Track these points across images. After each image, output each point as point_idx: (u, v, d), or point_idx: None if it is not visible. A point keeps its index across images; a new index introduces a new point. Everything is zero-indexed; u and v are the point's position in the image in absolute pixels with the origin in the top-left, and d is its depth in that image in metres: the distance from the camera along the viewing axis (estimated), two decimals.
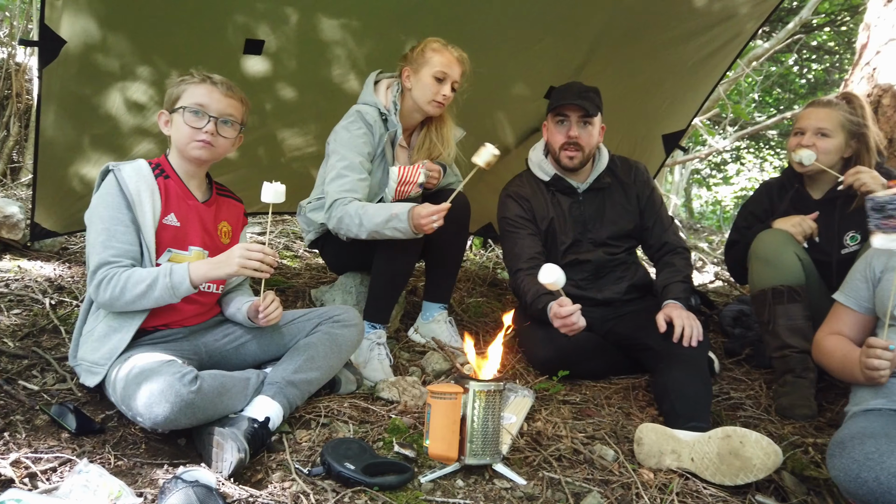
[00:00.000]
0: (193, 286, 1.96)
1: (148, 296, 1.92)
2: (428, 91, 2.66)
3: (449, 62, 2.66)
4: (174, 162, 2.15)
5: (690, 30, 3.42)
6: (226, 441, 1.70)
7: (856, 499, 1.61)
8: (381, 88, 2.77)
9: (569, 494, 1.78)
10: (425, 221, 2.37)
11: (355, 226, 2.48)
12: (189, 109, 2.04)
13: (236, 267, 1.94)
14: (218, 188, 2.29)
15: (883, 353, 1.79)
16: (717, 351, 3.06)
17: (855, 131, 2.62)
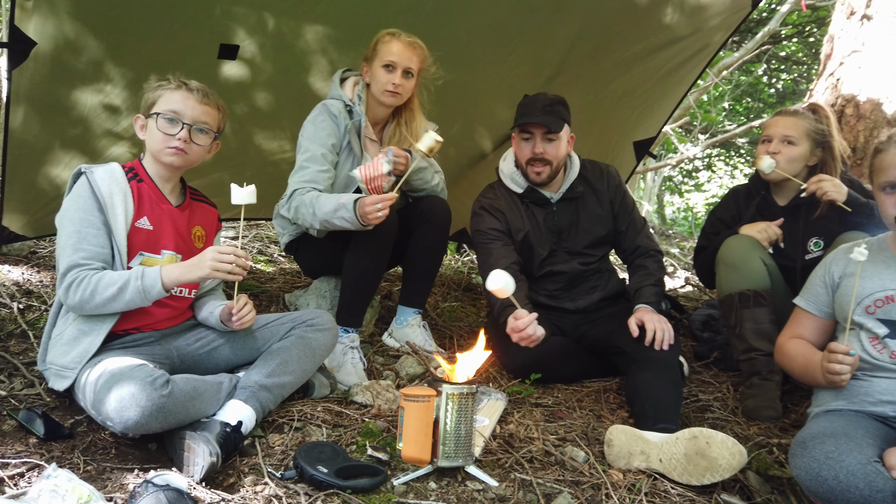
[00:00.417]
0: (165, 290, 1.95)
1: (119, 299, 1.91)
2: (380, 82, 2.68)
3: (397, 50, 2.67)
4: (148, 166, 2.14)
5: (661, 40, 3.49)
6: (197, 445, 1.70)
7: (816, 497, 1.65)
8: (347, 84, 2.80)
9: (540, 495, 1.80)
10: (370, 210, 2.38)
11: (310, 215, 2.50)
12: (163, 116, 2.04)
13: (208, 270, 1.93)
14: (192, 193, 2.28)
15: (844, 358, 1.84)
16: (687, 354, 3.12)
17: (820, 140, 2.69)
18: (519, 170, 2.85)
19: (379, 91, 2.71)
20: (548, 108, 2.69)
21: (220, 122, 2.17)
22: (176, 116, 2.05)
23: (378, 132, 2.88)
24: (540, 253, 2.85)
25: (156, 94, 2.08)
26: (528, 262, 2.88)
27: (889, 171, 1.90)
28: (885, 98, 3.39)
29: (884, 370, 1.88)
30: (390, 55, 2.67)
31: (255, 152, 3.49)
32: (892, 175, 1.89)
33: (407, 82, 2.72)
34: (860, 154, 3.41)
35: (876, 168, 1.96)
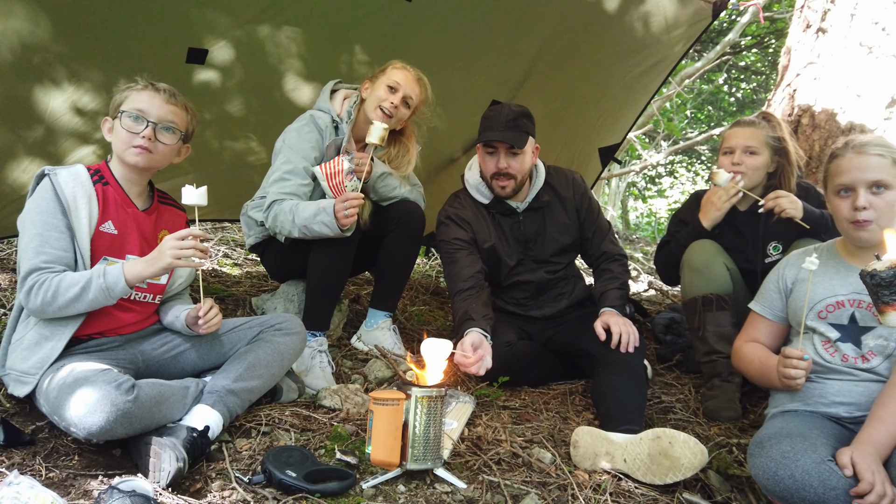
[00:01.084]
0: (129, 286, 1.92)
1: (82, 299, 1.87)
2: (377, 98, 2.70)
3: (405, 78, 2.74)
4: (115, 168, 2.11)
5: (624, 49, 3.57)
6: (163, 450, 1.68)
7: (773, 495, 1.71)
8: (337, 97, 2.80)
9: (507, 496, 1.83)
10: (339, 208, 2.40)
11: (289, 222, 2.51)
12: (128, 114, 2.02)
13: (170, 259, 1.90)
14: (160, 196, 2.25)
15: (798, 363, 1.91)
16: (650, 357, 3.18)
17: (777, 147, 2.78)
18: (484, 181, 2.86)
19: (372, 106, 2.72)
20: (511, 122, 2.69)
21: (189, 124, 2.15)
22: (141, 115, 2.02)
23: (360, 149, 2.87)
24: (507, 263, 2.88)
25: (123, 95, 2.05)
26: (495, 271, 2.90)
27: (844, 175, 1.97)
28: (839, 108, 3.52)
29: (836, 372, 1.96)
30: (397, 78, 2.73)
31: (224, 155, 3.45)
32: (846, 179, 1.97)
33: (403, 109, 2.75)
34: (816, 162, 3.52)
35: (831, 172, 2.04)
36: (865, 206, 1.93)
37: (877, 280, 1.65)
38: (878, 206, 1.93)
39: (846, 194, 1.98)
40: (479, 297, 2.70)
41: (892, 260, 1.64)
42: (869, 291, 1.70)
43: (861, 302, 1.97)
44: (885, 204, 1.94)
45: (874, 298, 1.69)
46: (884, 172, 1.94)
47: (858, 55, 3.54)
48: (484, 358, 2.42)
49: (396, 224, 2.81)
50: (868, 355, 1.93)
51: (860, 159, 1.96)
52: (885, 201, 1.94)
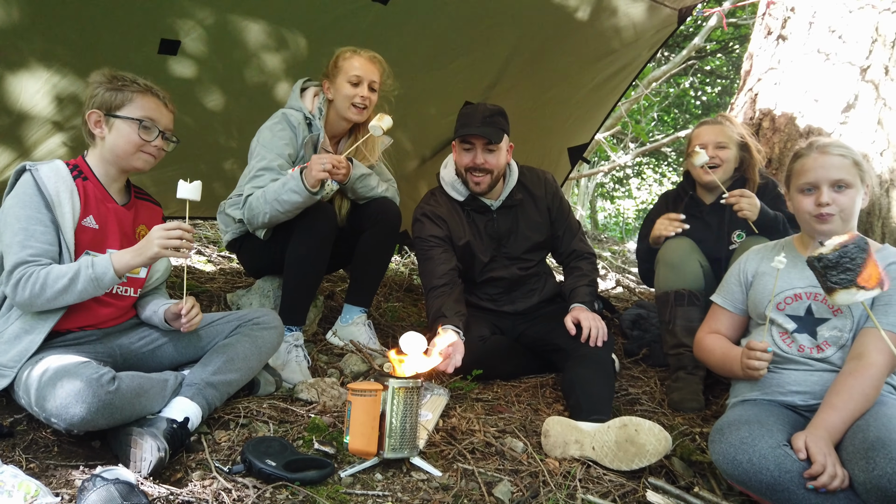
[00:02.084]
0: (118, 275, 1.94)
1: (70, 290, 1.89)
2: (346, 97, 2.73)
3: (360, 65, 2.75)
4: (95, 164, 2.11)
5: (593, 53, 3.67)
6: (144, 440, 1.70)
7: (732, 479, 1.80)
8: (307, 95, 2.82)
9: (481, 483, 1.89)
10: (316, 165, 2.46)
11: (262, 204, 2.55)
12: (143, 124, 2.05)
13: (157, 248, 1.93)
14: (136, 191, 2.27)
15: (762, 354, 2.01)
16: (617, 351, 3.28)
17: (740, 142, 2.93)
18: (460, 178, 2.92)
19: (345, 106, 2.75)
20: (488, 119, 2.77)
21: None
22: (153, 124, 2.06)
23: (334, 145, 2.91)
24: (481, 260, 2.94)
25: (123, 96, 2.05)
26: (469, 268, 2.96)
27: (809, 174, 2.09)
28: (797, 112, 3.66)
29: (793, 362, 2.06)
30: (355, 70, 2.74)
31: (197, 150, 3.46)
32: (811, 177, 2.08)
33: (372, 96, 2.78)
34: (776, 164, 3.66)
35: (795, 171, 2.15)
36: (829, 202, 2.04)
37: (824, 262, 1.74)
38: (841, 202, 2.05)
39: (810, 192, 2.09)
40: (453, 294, 2.77)
41: (835, 243, 1.75)
42: (817, 276, 1.79)
43: (817, 294, 2.08)
44: (847, 201, 2.05)
45: (822, 281, 1.77)
46: (845, 172, 2.05)
47: (816, 61, 3.68)
48: (454, 356, 2.48)
49: (373, 221, 2.86)
50: (823, 346, 2.04)
51: (824, 159, 2.07)
52: (847, 198, 2.05)
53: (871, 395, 1.86)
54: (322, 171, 2.47)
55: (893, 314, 1.96)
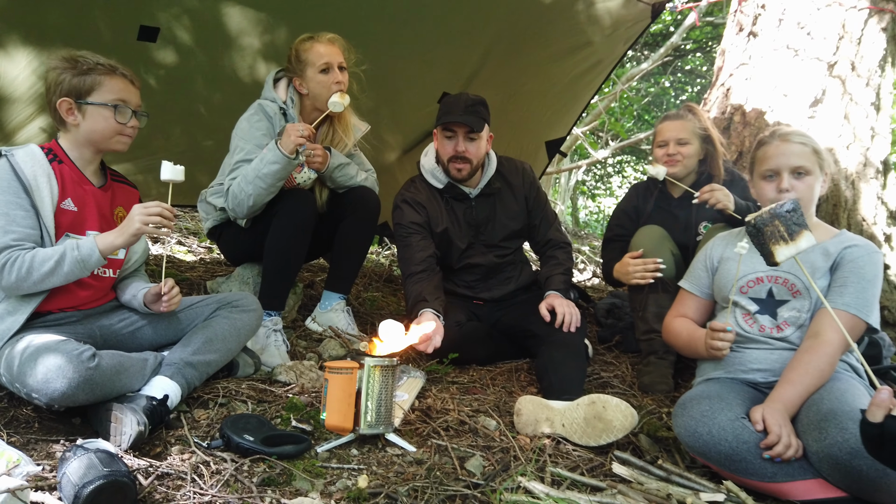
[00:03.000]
0: (103, 256, 1.97)
1: (57, 272, 1.92)
2: (323, 87, 2.75)
3: (324, 51, 2.75)
4: (69, 148, 2.13)
5: (570, 46, 3.75)
6: (124, 415, 1.74)
7: (693, 450, 1.89)
8: (280, 85, 2.85)
9: (454, 458, 1.95)
10: (293, 132, 2.50)
11: (245, 185, 2.57)
12: (118, 108, 2.07)
13: (138, 224, 1.97)
14: (112, 174, 2.29)
15: (724, 335, 2.10)
16: (591, 338, 3.36)
17: (703, 136, 3.00)
18: (440, 166, 2.98)
19: (323, 97, 2.76)
20: (470, 108, 2.83)
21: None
22: (126, 106, 2.08)
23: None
24: (459, 246, 3.01)
25: (91, 80, 2.05)
26: (447, 254, 3.02)
27: (771, 161, 2.18)
28: (767, 107, 3.76)
29: (754, 342, 2.15)
30: (321, 58, 2.74)
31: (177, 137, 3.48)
32: (772, 164, 2.17)
33: (345, 75, 2.81)
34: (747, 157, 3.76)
35: (758, 158, 2.24)
36: (788, 188, 2.14)
37: (758, 224, 1.82)
38: (800, 189, 2.14)
39: (771, 178, 2.18)
40: (432, 280, 2.83)
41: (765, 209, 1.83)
42: (755, 243, 1.86)
43: (777, 278, 2.17)
44: (806, 187, 2.15)
45: (761, 246, 1.84)
46: (805, 159, 2.14)
47: (786, 57, 3.79)
48: (434, 337, 2.54)
49: (352, 209, 2.91)
50: (782, 325, 2.13)
51: (785, 146, 2.16)
52: (806, 185, 2.15)
53: (826, 370, 1.95)
54: (298, 137, 2.51)
55: (848, 295, 2.05)
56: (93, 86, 2.05)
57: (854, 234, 2.24)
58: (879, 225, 3.75)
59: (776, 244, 1.68)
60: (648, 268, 2.79)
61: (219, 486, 1.64)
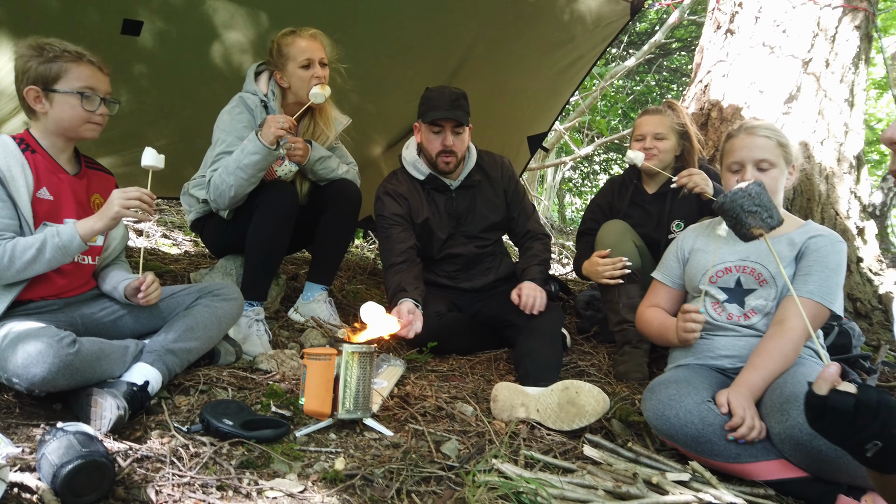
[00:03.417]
0: (84, 241, 2.00)
1: (39, 260, 1.94)
2: (303, 82, 2.78)
3: (305, 48, 2.77)
4: (40, 137, 2.12)
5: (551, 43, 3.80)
6: (104, 399, 1.77)
7: (661, 433, 1.94)
8: (262, 79, 2.88)
9: (430, 442, 2.00)
10: (274, 123, 2.53)
11: (226, 176, 2.60)
12: (85, 95, 2.06)
13: (117, 207, 1.99)
14: (87, 161, 2.29)
15: (696, 316, 2.16)
16: (571, 329, 3.43)
17: (681, 132, 3.05)
18: (422, 158, 3.02)
19: (304, 91, 2.78)
20: (454, 102, 2.88)
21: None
22: (94, 93, 2.08)
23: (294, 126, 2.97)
24: (439, 237, 3.05)
25: (58, 67, 2.05)
26: (428, 245, 3.07)
27: (736, 153, 2.24)
28: (743, 103, 3.83)
29: (723, 329, 2.21)
30: (303, 54, 2.77)
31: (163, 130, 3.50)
32: (738, 157, 2.23)
33: (325, 71, 2.83)
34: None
35: (726, 151, 2.30)
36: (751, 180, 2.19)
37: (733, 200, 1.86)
38: (764, 181, 2.20)
39: (737, 171, 2.24)
40: (412, 271, 2.87)
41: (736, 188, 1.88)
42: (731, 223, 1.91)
43: (745, 268, 2.23)
44: (769, 180, 2.20)
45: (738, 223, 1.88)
46: (769, 152, 2.20)
47: (762, 54, 3.86)
48: (414, 323, 2.59)
49: (333, 202, 2.95)
50: (749, 314, 2.19)
51: (750, 140, 2.22)
52: (769, 178, 2.20)
53: (790, 356, 2.01)
54: (279, 128, 2.54)
55: (812, 283, 2.11)
56: (59, 73, 2.04)
57: (819, 224, 2.31)
58: (853, 218, 3.83)
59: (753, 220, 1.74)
60: (616, 266, 2.84)
61: (197, 469, 1.67)
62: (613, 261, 2.84)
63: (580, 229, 3.35)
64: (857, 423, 1.08)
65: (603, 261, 2.87)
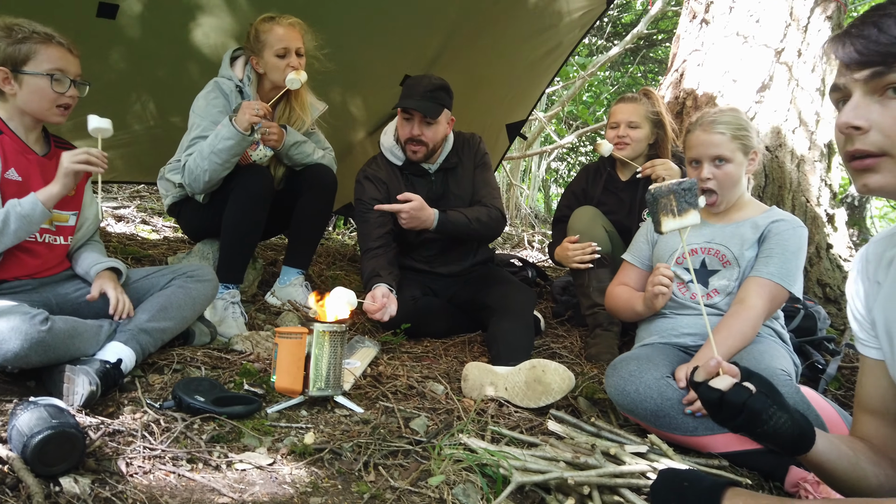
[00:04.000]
0: (46, 207, 2.02)
1: (5, 232, 1.96)
2: (278, 69, 2.80)
3: (283, 36, 2.78)
4: (8, 118, 2.13)
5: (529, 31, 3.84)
6: (76, 375, 1.81)
7: (622, 408, 2.01)
8: (238, 64, 2.90)
9: (400, 418, 2.05)
10: (249, 109, 2.57)
11: (200, 161, 2.63)
12: (55, 77, 2.07)
13: (67, 164, 2.03)
14: (56, 141, 2.30)
15: (665, 271, 2.20)
16: (547, 314, 3.49)
17: (655, 121, 3.11)
18: (399, 144, 3.06)
19: (279, 78, 2.80)
20: (429, 93, 2.89)
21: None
22: (63, 75, 2.09)
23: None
24: None
25: (26, 48, 2.05)
26: (406, 230, 3.10)
27: (693, 150, 2.30)
28: (717, 92, 3.89)
29: (687, 308, 2.28)
30: (280, 42, 2.78)
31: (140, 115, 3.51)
32: (694, 153, 2.30)
33: (301, 61, 2.85)
34: None
35: (687, 145, 2.36)
36: (709, 177, 2.26)
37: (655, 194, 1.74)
38: (719, 176, 2.27)
39: (696, 165, 2.30)
40: (387, 256, 2.91)
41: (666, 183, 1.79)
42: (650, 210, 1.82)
43: (710, 249, 2.30)
44: (724, 175, 2.27)
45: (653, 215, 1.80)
46: (723, 148, 2.25)
47: (735, 44, 3.92)
48: (388, 306, 2.63)
49: (309, 186, 2.98)
50: (713, 293, 2.25)
51: (704, 136, 2.28)
52: (724, 172, 2.27)
53: (749, 333, 2.07)
54: (254, 115, 2.57)
55: (773, 265, 2.18)
56: (28, 55, 2.05)
57: (784, 211, 2.37)
58: (823, 206, 3.91)
59: (665, 216, 1.71)
60: (586, 251, 2.89)
61: (168, 442, 1.71)
62: (583, 246, 2.90)
63: (555, 216, 3.40)
64: (721, 417, 1.16)
65: (573, 246, 2.93)
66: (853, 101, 1.06)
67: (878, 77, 1.02)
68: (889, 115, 1.02)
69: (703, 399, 1.17)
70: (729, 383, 1.15)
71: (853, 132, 1.05)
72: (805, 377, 2.64)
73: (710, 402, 1.16)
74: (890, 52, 1.01)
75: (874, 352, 1.29)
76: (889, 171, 1.04)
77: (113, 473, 1.54)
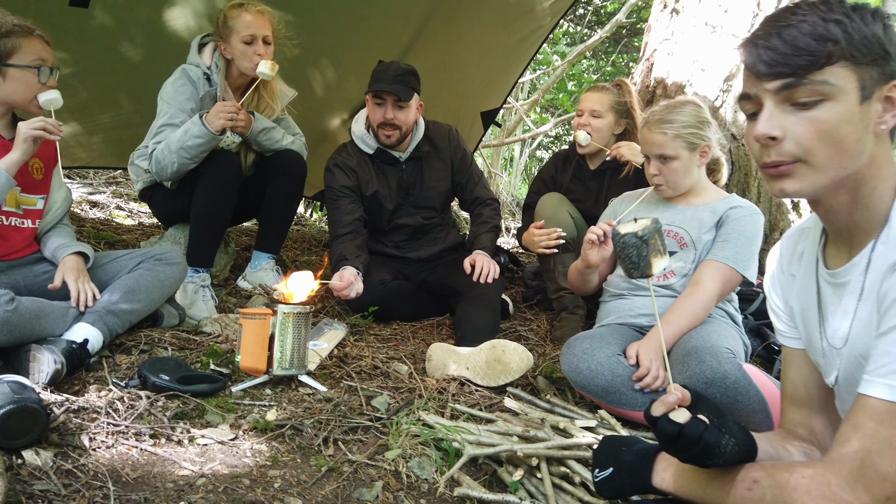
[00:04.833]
0: (9, 174, 2.05)
1: None
2: (245, 57, 2.81)
3: (250, 23, 2.79)
4: None
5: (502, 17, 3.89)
6: (42, 354, 1.85)
7: (576, 385, 2.08)
8: (206, 51, 2.91)
9: (362, 397, 2.11)
10: (223, 113, 2.61)
11: (168, 153, 2.66)
12: (34, 66, 2.12)
13: (25, 130, 2.06)
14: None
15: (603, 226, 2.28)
16: (517, 298, 3.55)
17: (623, 111, 3.16)
18: (370, 132, 3.10)
19: (245, 65, 2.82)
20: (399, 77, 2.94)
21: None
22: (45, 65, 2.14)
23: (238, 97, 3.00)
24: (387, 208, 3.14)
25: (11, 42, 2.09)
26: (377, 216, 3.15)
27: (643, 147, 2.40)
28: (686, 81, 3.95)
29: (642, 289, 2.35)
30: (247, 29, 2.78)
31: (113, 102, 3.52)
32: (644, 150, 2.40)
33: (269, 49, 2.87)
34: None
35: (639, 140, 2.44)
36: (656, 172, 2.35)
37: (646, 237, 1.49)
38: (665, 172, 2.35)
39: (649, 161, 2.38)
40: (355, 241, 2.96)
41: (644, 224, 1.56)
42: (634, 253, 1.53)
43: (669, 231, 2.37)
44: (670, 171, 2.35)
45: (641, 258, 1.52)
46: (666, 147, 2.32)
47: (704, 33, 3.98)
48: (354, 284, 2.68)
49: (278, 172, 3.01)
50: (669, 275, 2.33)
51: (650, 135, 2.36)
52: (669, 169, 2.35)
53: (700, 314, 2.15)
54: (227, 119, 2.61)
55: (729, 249, 2.25)
56: (13, 48, 2.10)
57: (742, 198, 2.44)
58: None
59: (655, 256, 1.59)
60: (551, 237, 2.96)
61: (132, 419, 1.76)
62: (548, 231, 2.96)
63: (525, 202, 3.46)
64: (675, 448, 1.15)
65: (539, 231, 2.99)
66: (766, 111, 1.08)
67: (789, 88, 1.05)
68: (801, 125, 1.05)
69: (660, 433, 1.15)
70: (686, 417, 1.13)
71: (770, 143, 1.08)
72: (762, 357, 2.73)
73: (667, 436, 1.14)
74: (798, 65, 1.03)
75: (795, 342, 1.35)
76: (803, 176, 1.07)
77: (76, 447, 1.59)
